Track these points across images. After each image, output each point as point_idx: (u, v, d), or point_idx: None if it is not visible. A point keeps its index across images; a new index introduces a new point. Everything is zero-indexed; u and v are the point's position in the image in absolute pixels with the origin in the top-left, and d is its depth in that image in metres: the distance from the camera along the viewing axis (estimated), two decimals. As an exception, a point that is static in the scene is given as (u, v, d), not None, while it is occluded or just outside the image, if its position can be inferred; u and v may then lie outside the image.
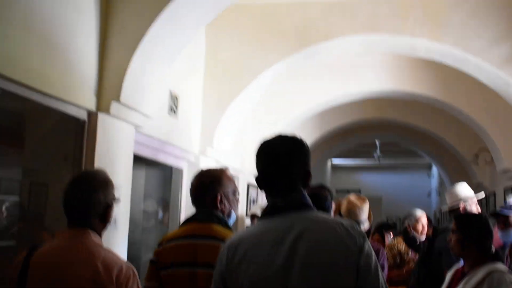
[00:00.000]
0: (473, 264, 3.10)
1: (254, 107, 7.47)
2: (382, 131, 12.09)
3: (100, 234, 2.43)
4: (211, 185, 2.70)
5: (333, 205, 3.89)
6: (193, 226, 2.66)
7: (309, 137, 10.29)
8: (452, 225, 3.29)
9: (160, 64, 4.50)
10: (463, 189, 4.37)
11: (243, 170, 8.02)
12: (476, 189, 8.91)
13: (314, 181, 2.19)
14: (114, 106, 3.92)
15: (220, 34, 6.31)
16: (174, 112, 5.46)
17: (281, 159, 1.99)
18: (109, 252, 2.37)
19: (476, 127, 8.23)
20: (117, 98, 3.94)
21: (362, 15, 6.00)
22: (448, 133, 10.02)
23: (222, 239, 2.37)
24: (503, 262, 3.04)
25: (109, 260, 2.29)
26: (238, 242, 1.95)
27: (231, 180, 2.80)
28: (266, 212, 1.99)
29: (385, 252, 4.20)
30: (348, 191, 18.87)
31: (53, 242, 2.38)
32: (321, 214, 1.98)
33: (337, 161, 19.46)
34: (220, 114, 6.27)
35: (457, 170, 11.60)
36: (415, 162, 19.14)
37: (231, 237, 2.05)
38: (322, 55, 6.57)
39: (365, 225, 4.17)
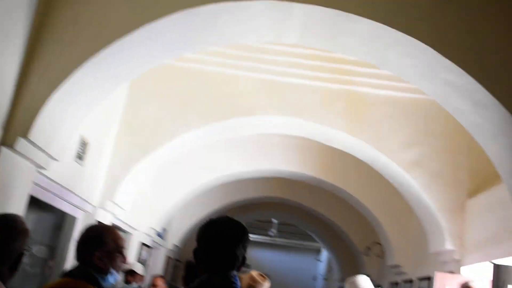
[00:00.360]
0: None
1: (163, 167, 7.29)
2: (282, 210, 12.25)
3: (5, 283, 2.24)
4: (90, 241, 2.65)
5: None
6: (64, 280, 2.58)
7: (208, 208, 10.19)
8: None
9: (78, 110, 4.31)
10: (364, 283, 4.45)
11: (138, 229, 7.73)
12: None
13: None
14: (20, 143, 3.65)
15: (144, 89, 6.20)
16: (81, 159, 5.18)
17: (229, 242, 2.16)
18: None
19: (373, 220, 8.52)
20: (25, 134, 3.67)
21: (288, 99, 6.15)
22: (345, 222, 10.31)
23: None
24: None
25: None
26: None
27: (115, 238, 2.73)
28: (202, 285, 2.12)
29: None
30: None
31: None
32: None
33: (231, 233, 19.33)
34: (128, 170, 6.05)
35: (348, 259, 11.88)
36: (307, 245, 19.43)
37: None
38: (243, 129, 6.61)
39: None
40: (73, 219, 5.62)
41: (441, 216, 5.99)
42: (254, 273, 4.26)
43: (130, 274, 6.26)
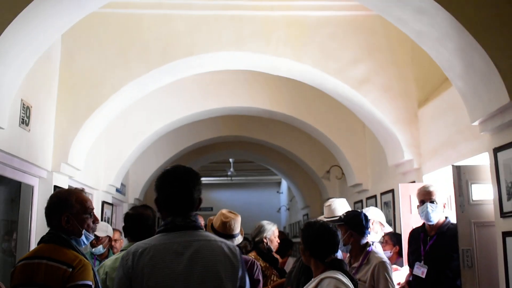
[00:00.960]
0: (315, 272, 3.18)
1: (112, 122, 7.10)
2: (237, 149, 12.24)
3: None
4: (56, 207, 2.85)
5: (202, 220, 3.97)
6: (40, 247, 2.79)
7: (164, 157, 10.09)
8: None
9: (13, 71, 4.08)
10: (340, 205, 4.56)
11: (97, 188, 7.59)
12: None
13: None
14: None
15: (78, 43, 5.92)
16: (26, 124, 4.96)
17: (185, 187, 2.48)
18: None
19: (329, 144, 8.63)
20: (-38, 105, 3.45)
21: (227, 33, 6.02)
22: (301, 150, 10.40)
23: (60, 261, 2.65)
24: (343, 270, 3.10)
25: None
26: (143, 249, 2.36)
27: (81, 200, 2.91)
28: (167, 228, 2.44)
29: (259, 265, 4.12)
30: (201, 209, 18.84)
31: None
32: (210, 234, 2.53)
33: (189, 179, 19.35)
34: (76, 129, 5.84)
35: (309, 186, 12.10)
36: (266, 179, 19.69)
37: (137, 244, 2.42)
38: (186, 70, 6.45)
39: (238, 238, 4.12)
40: (29, 188, 5.45)
41: (395, 128, 6.10)
42: (224, 210, 4.26)
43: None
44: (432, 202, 4.41)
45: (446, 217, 4.48)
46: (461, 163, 4.74)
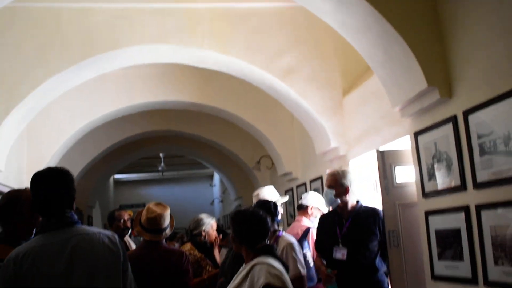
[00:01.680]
0: (246, 259, 3.20)
1: (33, 120, 6.84)
2: (167, 143, 12.12)
3: None
4: (6, 208, 2.93)
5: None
6: None
7: (92, 152, 9.84)
8: None
9: None
10: (268, 193, 4.63)
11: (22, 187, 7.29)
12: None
13: (99, 199, 2.58)
14: None
15: (-6, 39, 5.65)
16: None
17: (55, 187, 2.54)
18: None
19: (258, 136, 8.71)
20: None
21: (151, 26, 5.93)
22: (231, 142, 10.43)
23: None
24: (274, 255, 3.16)
25: None
26: (23, 254, 2.37)
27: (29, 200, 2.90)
28: (44, 228, 2.50)
29: (189, 257, 4.09)
30: (132, 206, 18.59)
31: None
32: (87, 227, 2.61)
33: (119, 176, 18.98)
34: (-5, 128, 5.60)
35: (240, 177, 12.16)
36: (198, 173, 19.61)
37: (16, 250, 2.43)
38: (109, 64, 6.32)
39: (166, 231, 4.06)
40: None
41: (321, 117, 6.24)
42: (151, 204, 4.15)
43: None
44: (330, 187, 4.44)
45: (357, 201, 4.50)
46: (384, 147, 4.91)
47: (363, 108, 5.73)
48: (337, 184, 4.37)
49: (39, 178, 2.60)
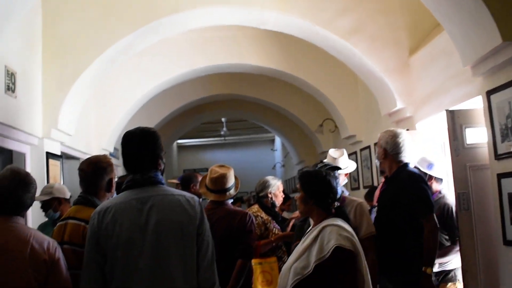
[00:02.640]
0: (316, 220, 3.14)
1: (100, 85, 7.00)
2: (230, 108, 12.16)
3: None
4: (98, 172, 3.18)
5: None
6: (70, 209, 3.19)
7: (157, 116, 10.01)
8: None
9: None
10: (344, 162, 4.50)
11: (90, 153, 7.55)
12: (321, 157, 9.37)
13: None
14: None
15: (58, 6, 5.76)
16: (12, 91, 4.87)
17: (142, 146, 2.62)
18: (35, 230, 2.89)
19: (321, 98, 8.57)
20: None
21: (212, -13, 5.87)
22: (293, 105, 10.34)
23: (81, 219, 2.98)
24: (344, 217, 3.09)
25: (38, 236, 2.77)
26: (106, 209, 2.51)
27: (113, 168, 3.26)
28: (128, 185, 2.60)
29: (253, 217, 4.07)
30: (195, 171, 18.97)
31: None
32: (169, 188, 2.63)
33: (182, 141, 19.31)
34: (64, 94, 5.76)
35: (303, 141, 12.09)
36: (260, 137, 19.66)
37: (101, 204, 2.62)
38: (171, 28, 6.32)
39: (231, 192, 4.06)
40: (21, 155, 5.40)
41: (386, 77, 6.04)
42: (214, 166, 4.16)
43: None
44: None
45: (402, 165, 3.97)
46: (454, 108, 4.70)
47: (431, 67, 5.50)
48: (378, 145, 4.17)
49: (128, 136, 2.67)
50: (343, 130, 8.51)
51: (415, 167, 4.32)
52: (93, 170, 3.16)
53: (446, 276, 4.55)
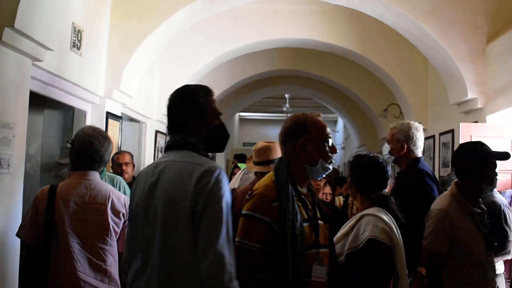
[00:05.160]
0: (360, 207, 3.02)
1: (164, 50, 7.00)
2: (294, 84, 11.99)
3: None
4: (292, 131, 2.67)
5: None
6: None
7: (221, 86, 9.98)
8: None
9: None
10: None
11: (151, 117, 7.62)
12: (381, 142, 9.09)
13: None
14: (7, 33, 3.38)
15: (130, -34, 5.76)
16: (78, 48, 4.91)
17: (175, 108, 2.37)
18: (111, 186, 3.20)
19: (388, 81, 8.28)
20: (10, 23, 3.39)
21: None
22: (359, 87, 10.05)
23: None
24: (388, 207, 2.90)
25: (116, 192, 3.14)
26: (139, 172, 2.45)
27: (318, 125, 2.63)
28: (165, 148, 2.41)
29: None
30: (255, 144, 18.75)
31: (68, 180, 3.09)
32: (193, 155, 2.27)
33: (244, 114, 19.31)
34: (129, 55, 5.78)
35: (365, 125, 11.80)
36: (323, 117, 19.32)
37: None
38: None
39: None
40: (82, 113, 5.48)
41: (460, 64, 5.71)
42: (261, 141, 4.10)
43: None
44: (388, 142, 3.94)
45: (415, 159, 3.80)
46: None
47: (509, 56, 5.14)
48: (393, 139, 3.88)
49: (170, 96, 2.44)
50: (408, 116, 8.20)
51: None
52: None
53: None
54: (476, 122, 5.71)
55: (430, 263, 3.14)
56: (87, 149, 3.07)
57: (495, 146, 4.61)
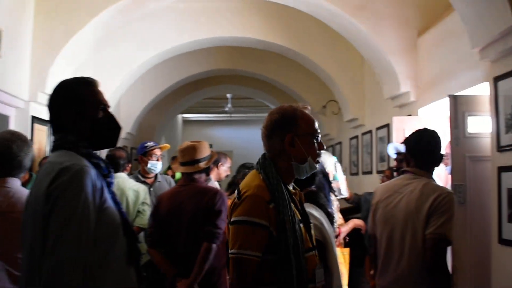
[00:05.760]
0: None
1: (95, 50, 6.74)
2: (235, 84, 11.86)
3: None
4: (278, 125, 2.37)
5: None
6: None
7: (158, 87, 9.76)
8: None
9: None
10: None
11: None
12: (323, 139, 9.10)
13: (167, 136, 2.07)
14: None
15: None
16: (-4, 49, 4.64)
17: (49, 107, 2.14)
18: None
19: (326, 78, 8.28)
20: None
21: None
22: (298, 85, 10.00)
23: None
24: (317, 203, 2.85)
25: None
26: None
27: (307, 119, 2.36)
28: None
29: (224, 196, 3.77)
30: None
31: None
32: (64, 154, 1.98)
33: (188, 115, 19.07)
34: (54, 56, 5.51)
35: (306, 123, 11.77)
36: (266, 116, 19.32)
37: None
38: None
39: (200, 164, 3.74)
40: (4, 118, 5.19)
41: (392, 58, 5.73)
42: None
43: None
44: None
45: None
46: (460, 94, 4.41)
47: (439, 50, 5.19)
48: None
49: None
50: (346, 112, 8.23)
51: None
52: None
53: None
54: (410, 115, 5.75)
55: (443, 250, 2.92)
56: (5, 154, 2.84)
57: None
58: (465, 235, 3.94)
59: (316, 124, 2.32)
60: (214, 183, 5.03)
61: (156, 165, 5.20)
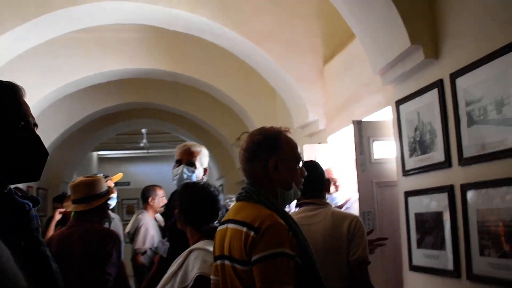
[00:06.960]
0: (190, 241, 2.73)
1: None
2: (148, 118, 11.50)
3: None
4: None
5: None
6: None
7: (65, 122, 9.26)
8: None
9: None
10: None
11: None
12: (239, 172, 8.92)
13: (79, 174, 1.77)
14: None
15: None
16: None
17: None
18: None
19: (238, 109, 8.14)
20: None
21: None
22: (212, 117, 9.78)
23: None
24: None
25: None
26: None
27: (290, 142, 2.24)
28: None
29: (117, 238, 3.45)
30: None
31: None
32: None
33: (103, 152, 18.43)
34: None
35: (223, 156, 11.57)
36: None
37: None
38: (68, 22, 5.69)
39: (93, 202, 3.41)
40: None
41: (300, 87, 5.67)
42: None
43: None
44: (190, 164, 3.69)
45: None
46: (365, 119, 4.36)
47: (345, 76, 5.17)
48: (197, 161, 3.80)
49: None
50: (260, 143, 8.07)
51: None
52: None
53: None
54: (320, 143, 5.68)
55: (367, 271, 2.86)
56: None
57: (338, 167, 4.56)
58: (376, 264, 3.81)
59: (299, 149, 2.17)
60: (146, 220, 4.99)
61: (112, 199, 4.83)
